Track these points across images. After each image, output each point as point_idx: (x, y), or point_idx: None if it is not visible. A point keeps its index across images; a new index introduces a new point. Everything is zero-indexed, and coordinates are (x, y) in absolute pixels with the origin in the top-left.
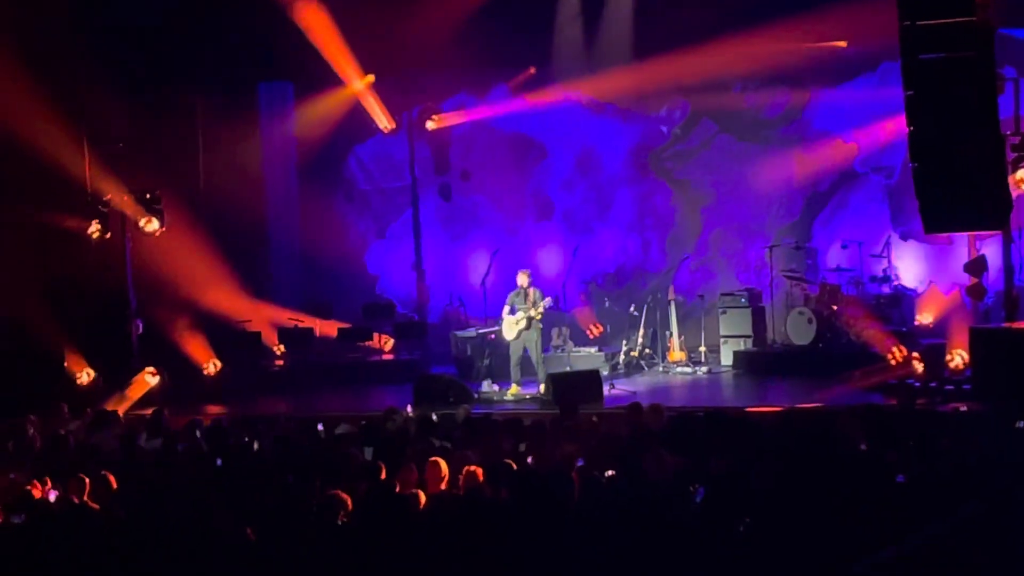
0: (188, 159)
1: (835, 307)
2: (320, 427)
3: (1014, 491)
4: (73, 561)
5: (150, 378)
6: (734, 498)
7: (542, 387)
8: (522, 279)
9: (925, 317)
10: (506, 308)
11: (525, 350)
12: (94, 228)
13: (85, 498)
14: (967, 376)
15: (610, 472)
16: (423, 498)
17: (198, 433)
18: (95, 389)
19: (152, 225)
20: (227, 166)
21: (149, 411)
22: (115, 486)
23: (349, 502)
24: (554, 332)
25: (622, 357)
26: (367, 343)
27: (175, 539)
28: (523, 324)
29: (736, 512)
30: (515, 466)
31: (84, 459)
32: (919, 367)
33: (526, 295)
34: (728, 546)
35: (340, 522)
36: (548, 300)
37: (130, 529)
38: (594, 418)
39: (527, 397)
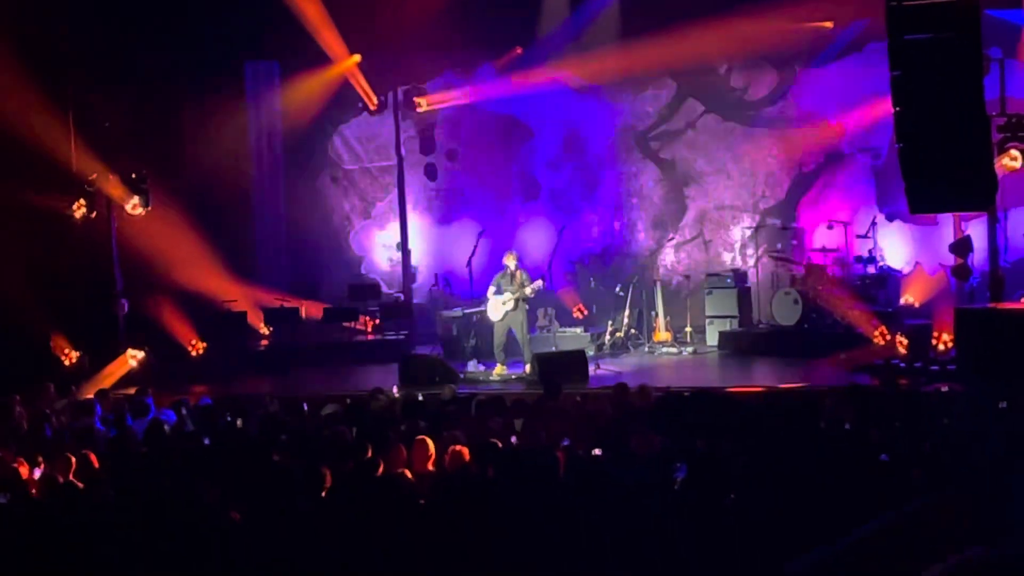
0: (174, 139)
1: (820, 288)
2: (305, 407)
3: (997, 471)
4: (60, 540)
5: (134, 358)
6: (719, 476)
7: (528, 367)
8: (509, 260)
9: (910, 297)
10: (491, 289)
11: (511, 331)
12: (79, 209)
13: (71, 477)
14: (952, 356)
15: (596, 451)
16: (410, 477)
17: (184, 412)
18: (81, 369)
19: (137, 205)
20: (212, 146)
21: (134, 391)
22: (97, 465)
23: (329, 477)
24: (540, 312)
25: (608, 337)
26: (352, 323)
27: (163, 518)
28: (510, 305)
29: (720, 490)
30: (501, 445)
31: (70, 439)
32: (904, 347)
33: (512, 276)
34: (712, 524)
35: (323, 498)
36: (539, 282)
37: (118, 508)
38: (579, 398)
39: (513, 377)
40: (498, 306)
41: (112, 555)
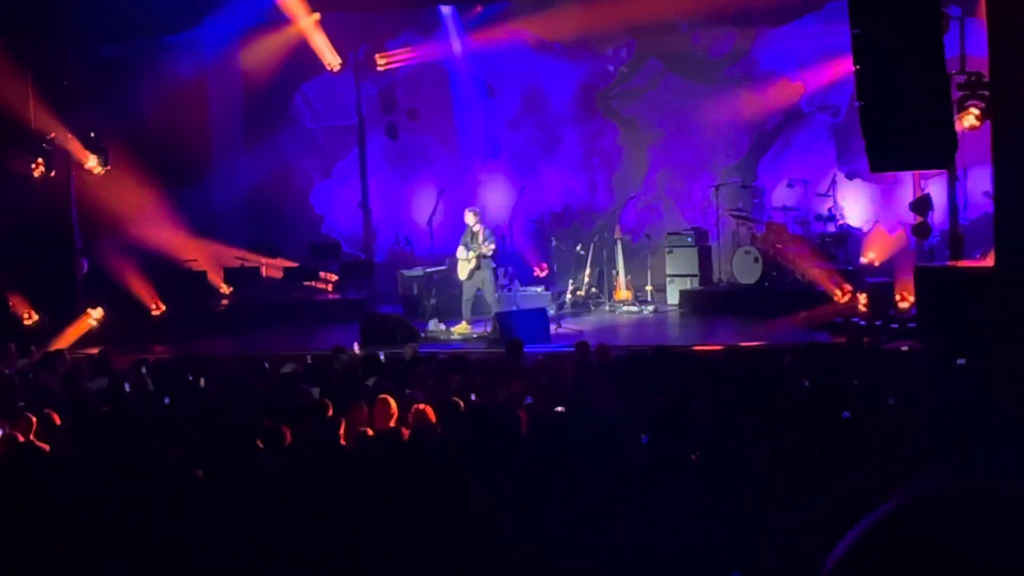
0: (133, 98)
1: (781, 246)
2: (266, 365)
3: (954, 430)
4: (21, 500)
5: (94, 318)
6: (681, 433)
7: (491, 325)
8: (469, 218)
9: (870, 256)
10: (460, 248)
11: (479, 289)
12: (38, 168)
13: (31, 437)
14: (912, 314)
15: (559, 408)
16: (371, 435)
17: (144, 372)
18: (40, 329)
19: (96, 164)
20: (172, 105)
21: (94, 350)
22: (58, 424)
23: (288, 434)
24: (500, 271)
25: (568, 296)
26: (313, 282)
27: (126, 477)
28: (473, 263)
29: (683, 447)
30: (462, 404)
31: (31, 398)
32: (864, 306)
33: (474, 234)
34: (676, 481)
35: (284, 456)
36: (493, 244)
37: (80, 467)
38: (540, 357)
39: (474, 336)
40: (464, 265)
41: (74, 514)
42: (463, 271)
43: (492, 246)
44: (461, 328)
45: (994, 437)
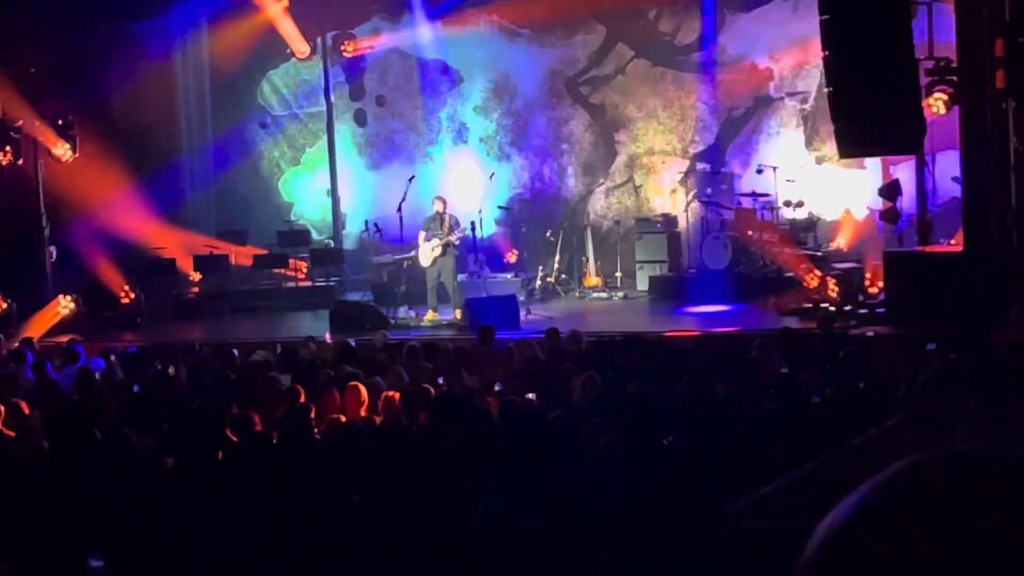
0: (101, 85)
1: (750, 232)
2: (236, 353)
3: (923, 411)
4: None
5: (65, 306)
6: (654, 419)
7: (457, 313)
8: (437, 205)
9: (839, 241)
10: (422, 234)
11: (440, 276)
12: (6, 155)
13: (0, 426)
14: (881, 300)
15: (531, 395)
16: (343, 423)
17: (113, 360)
18: (9, 318)
19: (64, 152)
20: (141, 92)
21: (63, 339)
22: (27, 413)
23: (258, 420)
24: (470, 258)
25: (538, 283)
26: (283, 270)
27: (96, 466)
28: (439, 251)
29: (654, 433)
30: (433, 391)
31: None
32: (834, 291)
33: (442, 220)
34: (646, 467)
35: (253, 445)
36: (457, 235)
37: (49, 457)
38: (511, 344)
39: (443, 323)
40: (427, 252)
41: (46, 505)
42: (425, 258)
43: (460, 233)
44: (430, 316)
45: (964, 422)
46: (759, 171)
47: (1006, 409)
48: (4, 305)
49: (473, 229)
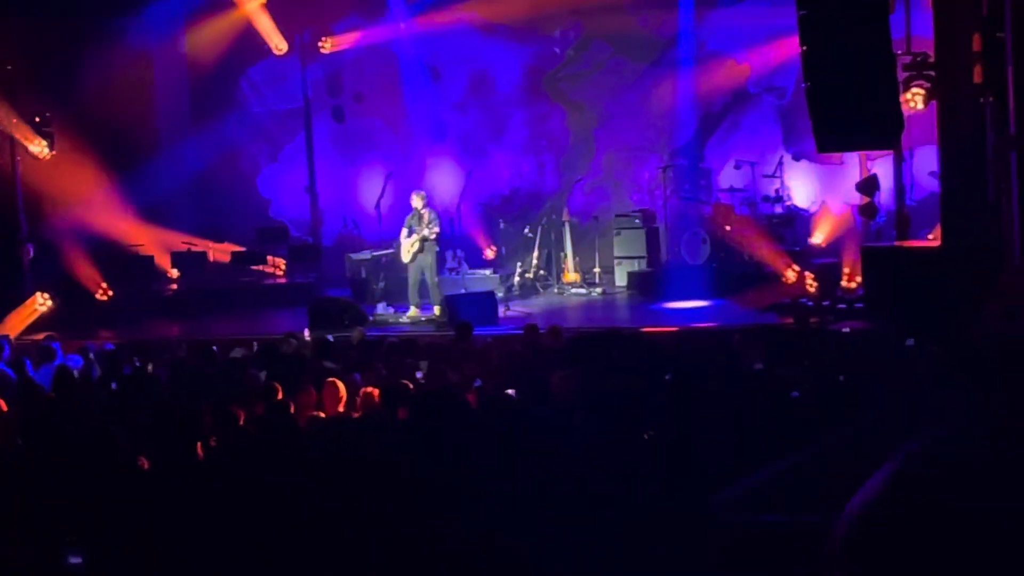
0: (78, 82)
1: (728, 227)
2: (215, 349)
3: (902, 407)
4: None
5: (43, 304)
6: (632, 415)
7: (437, 309)
8: (416, 201)
9: (818, 237)
10: (404, 231)
11: (422, 273)
12: None
13: None
14: (859, 295)
15: (510, 391)
16: (322, 419)
17: (91, 357)
18: None
19: (42, 149)
20: (118, 89)
21: (41, 336)
22: (5, 409)
23: (242, 416)
24: (449, 254)
25: (517, 279)
26: (261, 266)
27: (76, 463)
28: (417, 247)
29: (635, 429)
30: (412, 387)
31: None
32: (812, 286)
33: (420, 217)
34: (626, 463)
35: (233, 443)
36: (437, 227)
37: (27, 454)
38: (490, 340)
39: (423, 319)
40: (408, 248)
41: (24, 502)
42: (406, 254)
43: (436, 229)
44: (412, 313)
45: (942, 416)
46: (737, 167)
47: (985, 403)
48: None
49: (449, 225)
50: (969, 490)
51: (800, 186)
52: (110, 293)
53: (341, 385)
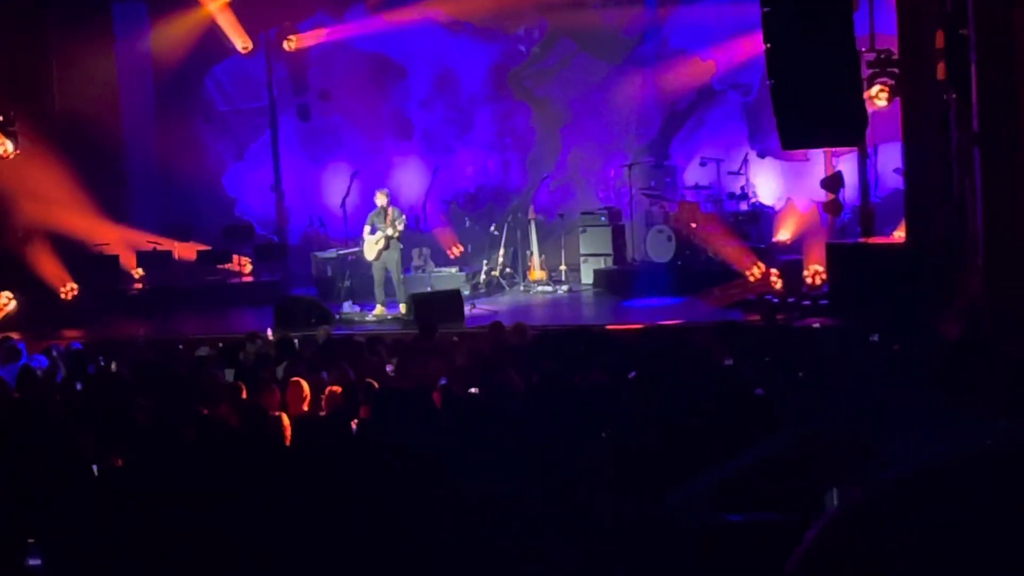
0: (42, 81)
1: (694, 224)
2: (181, 348)
3: (866, 405)
4: None
5: (5, 302)
6: (597, 412)
7: (402, 307)
8: (380, 199)
9: (783, 234)
10: (367, 228)
11: (388, 271)
12: None
13: None
14: (824, 291)
15: (473, 389)
16: (286, 420)
17: (56, 355)
18: None
19: (6, 147)
20: (82, 88)
21: (3, 335)
22: None
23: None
24: (414, 252)
25: (483, 277)
26: (227, 265)
27: (38, 464)
28: (382, 244)
29: (598, 425)
30: (377, 386)
31: None
32: (777, 283)
33: (385, 214)
34: (592, 458)
35: (200, 442)
36: (401, 225)
37: None
38: (455, 338)
39: (388, 318)
40: (372, 246)
41: None
42: (370, 252)
43: (400, 226)
44: (378, 311)
45: (907, 413)
46: (702, 164)
47: (948, 400)
48: None
49: (415, 223)
50: (947, 500)
51: (765, 183)
52: (75, 291)
53: (305, 384)
